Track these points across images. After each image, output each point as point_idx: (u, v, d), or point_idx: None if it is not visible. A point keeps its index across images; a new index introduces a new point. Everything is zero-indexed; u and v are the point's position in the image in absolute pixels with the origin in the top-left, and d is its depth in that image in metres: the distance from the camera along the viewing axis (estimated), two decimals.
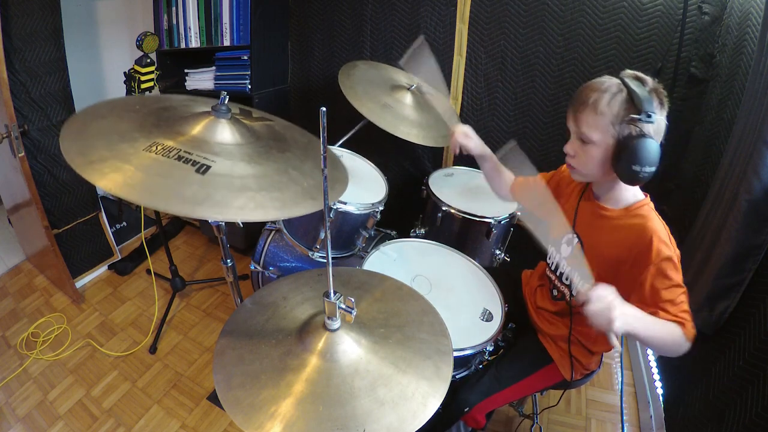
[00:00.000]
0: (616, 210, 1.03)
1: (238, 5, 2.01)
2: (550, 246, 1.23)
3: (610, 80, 0.94)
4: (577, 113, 0.97)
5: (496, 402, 1.17)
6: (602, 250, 1.04)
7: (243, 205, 0.75)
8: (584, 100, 0.94)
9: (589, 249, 1.08)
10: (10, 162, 1.85)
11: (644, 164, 0.89)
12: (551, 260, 1.23)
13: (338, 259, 1.62)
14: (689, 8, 1.50)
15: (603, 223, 1.05)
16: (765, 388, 1.01)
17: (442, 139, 1.68)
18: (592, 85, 0.96)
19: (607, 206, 1.05)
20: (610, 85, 0.93)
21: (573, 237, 1.13)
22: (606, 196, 1.06)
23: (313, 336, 0.79)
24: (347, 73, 1.67)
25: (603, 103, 0.91)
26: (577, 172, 1.04)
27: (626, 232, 0.99)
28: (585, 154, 0.98)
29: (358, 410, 0.69)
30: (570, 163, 1.04)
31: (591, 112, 0.93)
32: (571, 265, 1.12)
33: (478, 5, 1.81)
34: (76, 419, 1.62)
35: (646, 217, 0.98)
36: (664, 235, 0.96)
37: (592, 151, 0.97)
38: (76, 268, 2.19)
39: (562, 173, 1.24)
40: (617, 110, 0.91)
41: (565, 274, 1.17)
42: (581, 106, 0.95)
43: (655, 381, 1.65)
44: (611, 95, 0.91)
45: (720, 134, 1.48)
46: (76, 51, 2.03)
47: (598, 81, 0.96)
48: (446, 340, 0.85)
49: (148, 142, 0.81)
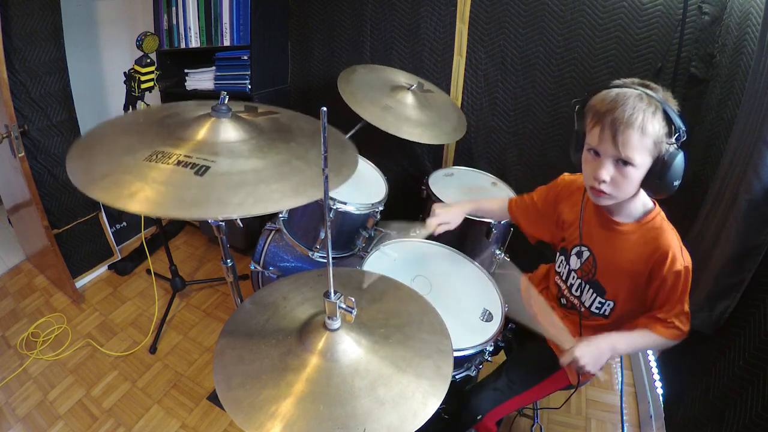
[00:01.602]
0: (629, 224, 1.02)
1: (238, 5, 2.01)
2: (560, 254, 1.22)
3: (633, 93, 0.87)
4: (620, 135, 0.86)
5: (508, 409, 1.17)
6: (619, 265, 1.04)
7: (242, 201, 0.75)
8: (629, 123, 0.85)
9: (604, 263, 1.08)
10: (10, 162, 1.85)
11: (680, 177, 0.89)
12: (561, 269, 1.22)
13: (338, 259, 1.62)
14: (689, 8, 1.50)
15: (617, 237, 1.04)
16: (765, 388, 1.01)
17: (446, 135, 1.68)
18: (622, 100, 0.86)
19: (619, 220, 1.03)
20: (639, 100, 0.86)
21: (583, 250, 1.12)
22: (619, 211, 1.03)
23: (313, 336, 0.79)
24: (346, 78, 1.67)
25: (647, 122, 0.85)
26: (610, 198, 0.95)
27: (642, 247, 1.00)
28: (625, 178, 0.90)
29: (358, 410, 0.69)
30: (603, 190, 0.93)
31: (638, 135, 0.86)
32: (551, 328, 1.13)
33: (478, 5, 1.81)
34: (76, 419, 1.62)
35: (660, 229, 0.99)
36: (677, 248, 0.97)
37: (633, 174, 0.90)
38: (76, 268, 2.19)
39: (559, 186, 1.23)
40: (658, 129, 0.86)
41: (575, 286, 1.17)
42: (626, 128, 0.85)
43: (655, 381, 1.65)
44: (651, 114, 0.85)
45: (720, 134, 1.47)
46: (76, 51, 2.03)
47: (622, 95, 0.87)
48: (446, 340, 0.85)
49: (149, 152, 0.81)
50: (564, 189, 1.21)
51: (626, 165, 0.89)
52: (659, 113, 0.86)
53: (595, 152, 0.93)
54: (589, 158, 0.95)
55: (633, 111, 0.85)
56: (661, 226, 0.99)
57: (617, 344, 1.01)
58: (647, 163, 0.89)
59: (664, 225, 1.00)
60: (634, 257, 1.01)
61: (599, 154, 0.92)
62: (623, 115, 0.85)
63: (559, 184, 1.23)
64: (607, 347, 0.99)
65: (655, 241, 0.98)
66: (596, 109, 0.91)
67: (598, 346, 0.99)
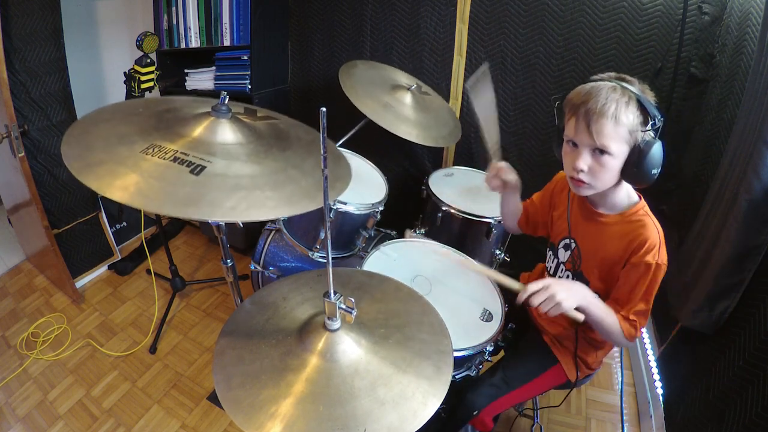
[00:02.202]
0: (613, 215, 1.04)
1: (238, 5, 2.01)
2: (549, 249, 1.24)
3: (607, 85, 0.91)
4: (593, 125, 0.90)
5: (504, 405, 1.17)
6: (600, 255, 1.06)
7: (235, 205, 0.75)
8: (602, 112, 0.88)
9: (587, 253, 1.10)
10: (10, 162, 1.85)
11: (659, 166, 0.91)
12: (550, 264, 1.24)
13: (338, 259, 1.62)
14: (689, 8, 1.50)
15: (600, 228, 1.06)
16: (765, 388, 1.01)
17: (442, 139, 1.68)
18: (595, 92, 0.90)
19: (603, 212, 1.06)
20: (613, 91, 0.90)
21: (570, 242, 1.14)
22: (602, 202, 1.05)
23: (313, 336, 0.79)
24: (347, 72, 1.67)
25: (621, 112, 0.88)
26: (590, 188, 0.97)
27: (623, 238, 1.01)
28: (602, 167, 0.93)
29: (358, 410, 0.69)
30: (582, 180, 0.96)
31: (611, 124, 0.89)
32: (494, 275, 1.09)
33: (478, 5, 1.81)
34: (76, 419, 1.62)
35: (641, 222, 1.00)
36: (655, 242, 0.98)
37: (610, 163, 0.93)
38: (76, 268, 2.19)
39: (553, 183, 1.25)
40: (632, 118, 0.89)
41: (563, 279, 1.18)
42: (599, 118, 0.89)
43: (655, 381, 1.65)
44: (624, 103, 0.89)
45: (720, 134, 1.47)
46: (76, 51, 2.03)
47: (596, 87, 0.91)
48: (446, 340, 0.85)
49: (146, 145, 0.81)
50: (557, 185, 1.23)
51: (603, 154, 0.92)
52: (633, 103, 0.89)
53: (573, 144, 0.97)
54: (568, 150, 0.99)
55: (606, 101, 0.89)
56: (644, 219, 1.00)
57: (590, 296, 0.98)
58: (624, 152, 0.92)
59: (646, 219, 1.00)
60: (613, 248, 1.03)
61: (577, 144, 0.96)
62: (596, 105, 0.89)
63: (554, 181, 1.25)
64: (582, 291, 0.98)
65: (635, 232, 0.99)
66: (572, 102, 0.95)
67: (574, 284, 0.99)
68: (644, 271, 0.97)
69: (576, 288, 0.98)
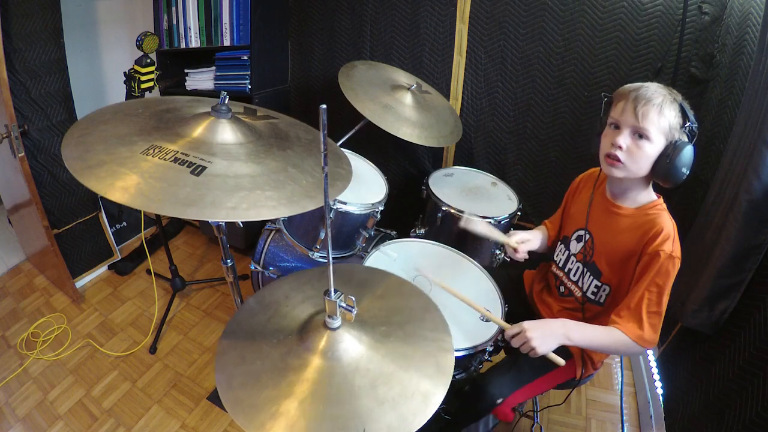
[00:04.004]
0: (630, 209, 1.08)
1: (238, 5, 2.01)
2: (560, 243, 1.27)
3: (657, 84, 0.99)
4: (641, 108, 0.96)
5: (524, 395, 1.18)
6: (614, 246, 1.09)
7: (235, 205, 0.75)
8: (650, 99, 0.96)
9: (601, 245, 1.13)
10: (10, 162, 1.85)
11: (689, 166, 0.97)
12: (558, 257, 1.25)
13: (338, 259, 1.62)
14: (689, 8, 1.50)
15: (615, 220, 1.09)
16: (765, 387, 1.01)
17: (444, 138, 1.68)
18: (647, 85, 0.99)
19: (622, 205, 1.09)
20: (662, 88, 0.98)
21: (584, 233, 1.16)
22: (623, 196, 1.09)
23: (314, 335, 0.79)
24: (347, 73, 1.67)
25: (666, 105, 0.96)
26: (623, 168, 1.01)
27: (637, 229, 1.04)
28: (639, 150, 0.98)
29: (359, 410, 0.69)
30: (618, 156, 1.00)
31: (656, 112, 0.96)
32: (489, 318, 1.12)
33: (478, 5, 1.82)
34: (76, 419, 1.62)
35: (657, 215, 1.03)
36: (670, 234, 1.00)
37: (647, 149, 0.98)
38: (76, 268, 2.19)
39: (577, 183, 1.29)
40: (674, 115, 0.97)
41: (573, 271, 1.20)
42: (647, 103, 0.96)
43: (655, 381, 1.65)
44: (670, 101, 0.97)
45: (720, 134, 1.48)
46: (76, 51, 2.03)
47: (648, 85, 0.99)
48: (447, 337, 0.85)
49: (146, 145, 0.81)
50: (582, 180, 1.27)
51: (642, 138, 0.98)
52: (676, 104, 0.98)
53: (616, 126, 1.03)
54: (609, 132, 1.04)
55: (655, 93, 0.97)
56: (660, 214, 1.03)
57: (571, 332, 1.00)
58: (661, 144, 0.98)
59: (663, 213, 1.04)
60: (627, 239, 1.05)
61: (619, 127, 1.01)
62: (647, 93, 0.97)
63: (577, 180, 1.30)
64: (560, 330, 1.00)
65: (650, 223, 1.02)
66: (622, 92, 1.03)
67: (550, 325, 1.01)
68: (653, 260, 0.99)
69: (552, 328, 1.00)
